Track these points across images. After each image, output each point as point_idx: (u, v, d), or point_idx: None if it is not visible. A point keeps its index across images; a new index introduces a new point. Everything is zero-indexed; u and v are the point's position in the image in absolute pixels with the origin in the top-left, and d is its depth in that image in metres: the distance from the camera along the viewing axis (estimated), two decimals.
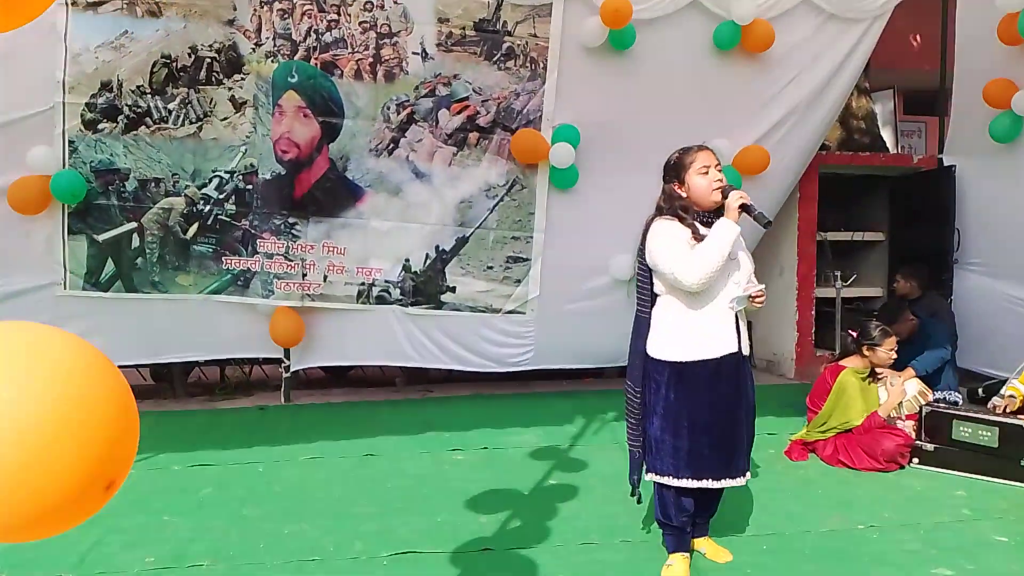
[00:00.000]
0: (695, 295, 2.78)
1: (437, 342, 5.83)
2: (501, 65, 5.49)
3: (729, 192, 2.82)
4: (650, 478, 2.89)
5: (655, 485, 2.91)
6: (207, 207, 5.36)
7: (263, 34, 5.23)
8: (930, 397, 4.54)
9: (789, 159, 6.06)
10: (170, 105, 5.17)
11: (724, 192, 2.83)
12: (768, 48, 5.62)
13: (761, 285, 2.86)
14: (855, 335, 4.56)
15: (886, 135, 9.16)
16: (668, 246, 2.78)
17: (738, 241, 2.81)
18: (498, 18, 5.41)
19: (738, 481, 2.88)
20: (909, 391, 4.50)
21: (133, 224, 5.29)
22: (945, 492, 3.89)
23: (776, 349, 7.10)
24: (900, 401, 4.43)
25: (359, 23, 5.31)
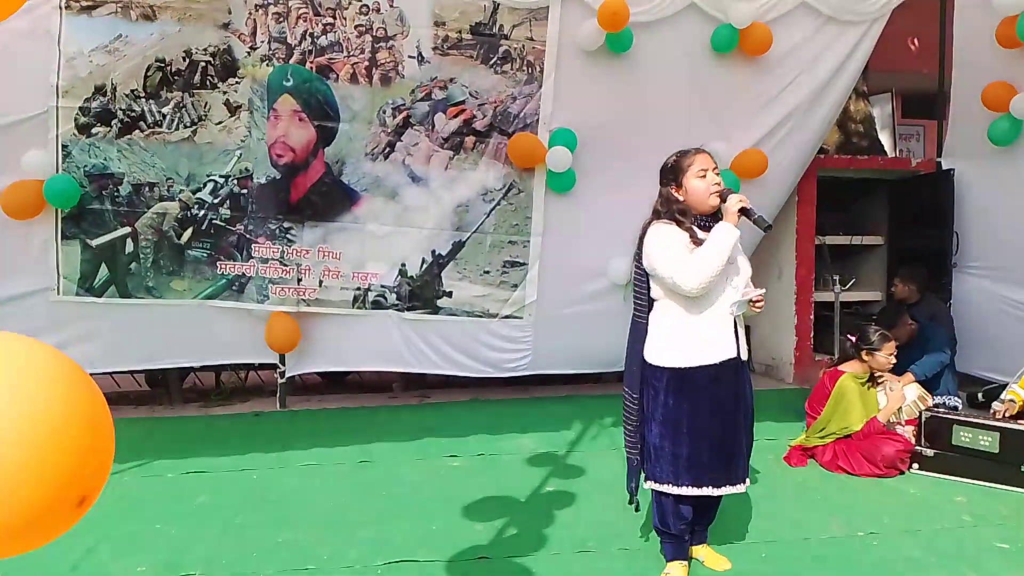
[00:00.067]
0: (693, 300, 2.75)
1: (434, 347, 5.79)
2: (498, 68, 5.47)
3: (728, 196, 2.79)
4: (649, 486, 2.86)
5: (653, 492, 2.87)
6: (202, 212, 5.33)
7: (258, 38, 5.21)
8: (930, 402, 4.51)
9: (787, 162, 6.04)
10: (164, 109, 5.14)
11: (722, 196, 2.80)
12: (766, 51, 5.60)
13: (762, 290, 2.83)
14: (854, 339, 4.53)
15: (884, 138, 9.13)
16: (667, 250, 2.74)
17: (736, 245, 2.78)
18: (494, 21, 5.39)
19: (738, 488, 2.85)
20: (909, 396, 4.47)
21: (127, 229, 5.26)
22: (945, 498, 3.87)
23: (775, 353, 7.07)
24: (900, 406, 4.41)
25: (355, 26, 5.29)
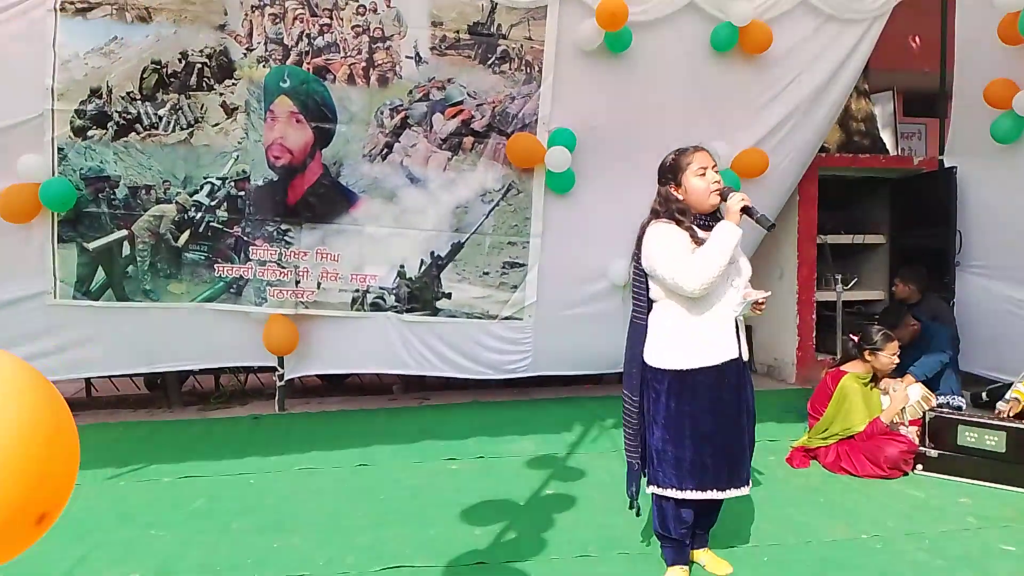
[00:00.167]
0: (694, 300, 2.70)
1: (434, 349, 5.76)
2: (496, 69, 5.44)
3: (728, 194, 2.75)
4: (651, 491, 2.80)
5: (654, 496, 2.82)
6: (199, 214, 5.30)
7: (254, 39, 5.18)
8: (934, 402, 4.46)
9: (788, 162, 6.01)
10: (160, 111, 5.12)
11: (723, 194, 2.76)
12: (766, 50, 5.57)
13: (767, 292, 2.79)
14: (857, 339, 4.49)
15: (886, 137, 9.09)
16: (667, 250, 2.69)
17: (737, 245, 2.74)
18: (492, 21, 5.36)
19: (742, 491, 2.80)
20: (912, 396, 4.42)
21: (124, 232, 5.24)
22: (950, 500, 3.81)
23: (776, 354, 7.03)
24: (903, 406, 4.36)
25: (352, 27, 5.26)
